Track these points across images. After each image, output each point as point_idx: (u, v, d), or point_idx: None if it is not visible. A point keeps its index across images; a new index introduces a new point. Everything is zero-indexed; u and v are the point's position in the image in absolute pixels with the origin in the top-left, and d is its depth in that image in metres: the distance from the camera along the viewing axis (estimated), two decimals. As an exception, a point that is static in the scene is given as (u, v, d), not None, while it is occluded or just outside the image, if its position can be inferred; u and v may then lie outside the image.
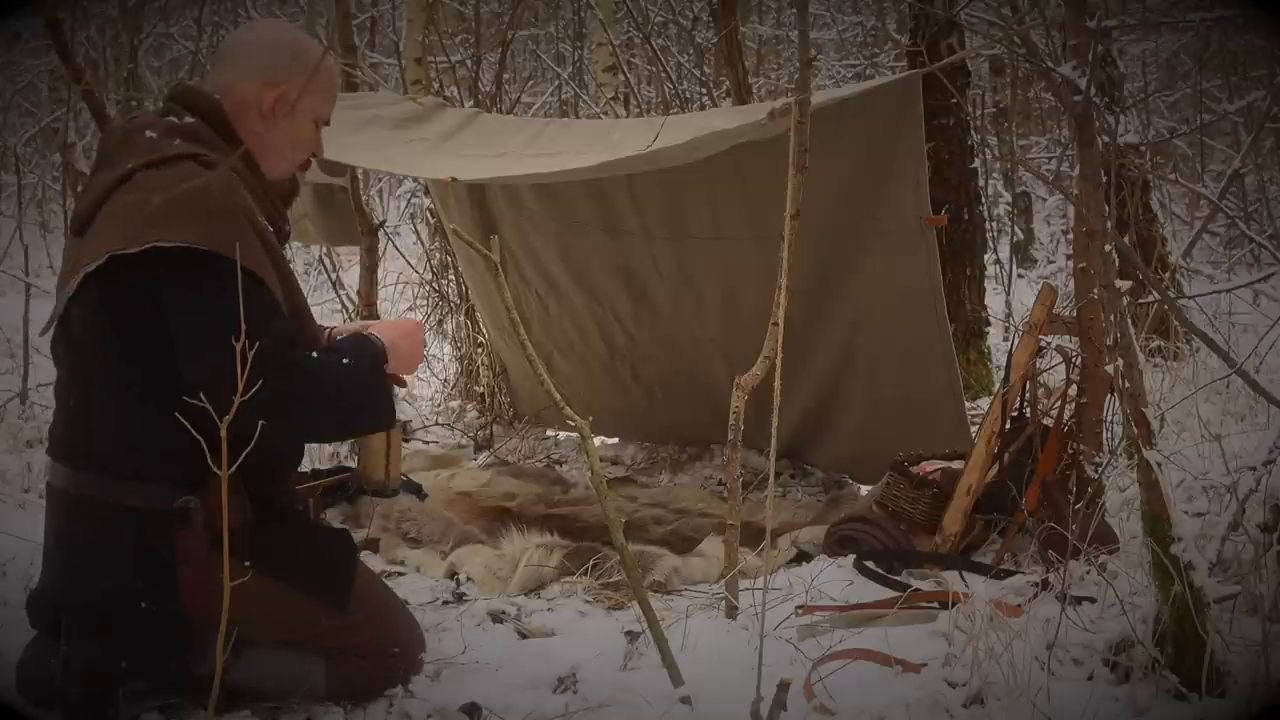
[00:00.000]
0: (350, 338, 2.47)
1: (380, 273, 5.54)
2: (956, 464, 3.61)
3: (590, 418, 2.70)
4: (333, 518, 3.89)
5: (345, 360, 2.36)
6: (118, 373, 2.31)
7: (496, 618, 3.05)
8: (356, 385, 2.36)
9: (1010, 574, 3.22)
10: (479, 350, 5.76)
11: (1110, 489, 3.64)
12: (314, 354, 2.36)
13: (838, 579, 3.24)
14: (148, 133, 2.36)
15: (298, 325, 2.40)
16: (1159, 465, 2.35)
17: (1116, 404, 3.13)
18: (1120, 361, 2.38)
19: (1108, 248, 2.39)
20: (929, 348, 3.91)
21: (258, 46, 2.49)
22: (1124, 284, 2.41)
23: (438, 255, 6.86)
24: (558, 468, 4.99)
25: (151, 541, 2.29)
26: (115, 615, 2.30)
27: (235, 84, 2.44)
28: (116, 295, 2.27)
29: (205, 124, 2.40)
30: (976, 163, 6.34)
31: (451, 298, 6.14)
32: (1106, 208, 2.57)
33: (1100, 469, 3.47)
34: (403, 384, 2.70)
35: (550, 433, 5.48)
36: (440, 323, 6.28)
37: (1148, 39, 10.29)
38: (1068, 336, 3.65)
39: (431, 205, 6.34)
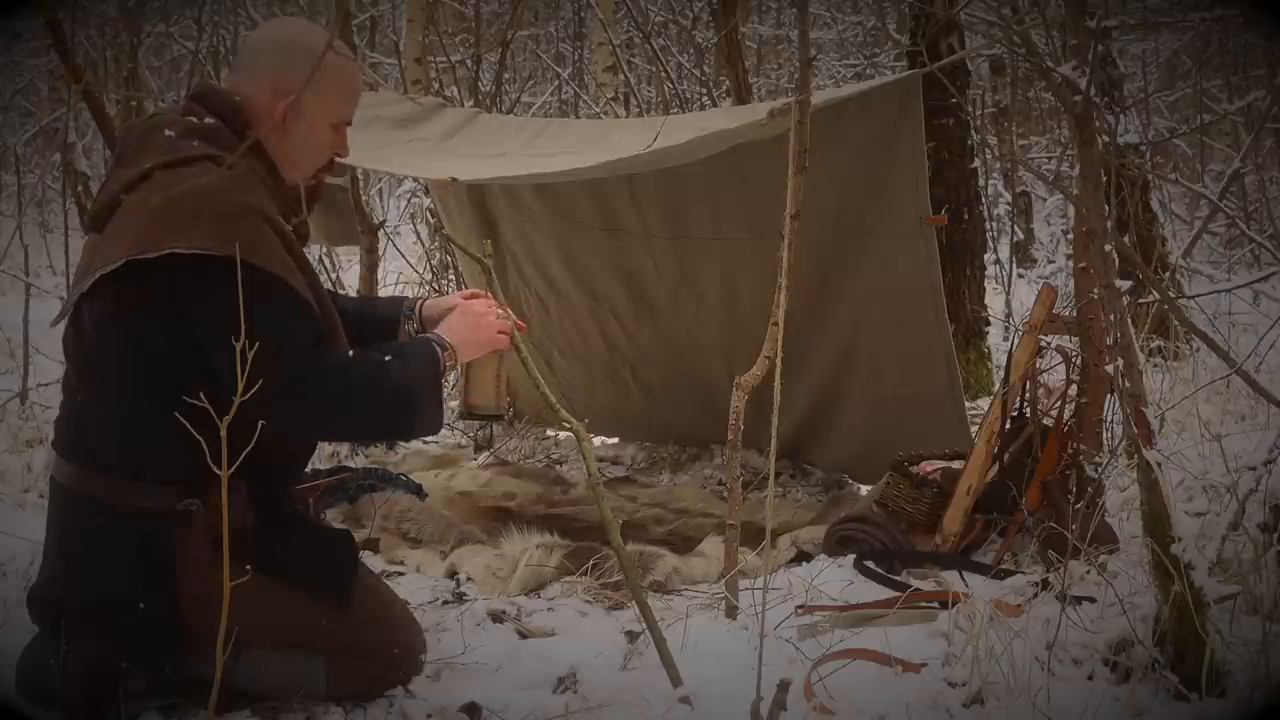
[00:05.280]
0: (402, 344, 2.45)
1: (380, 273, 5.55)
2: (956, 464, 3.61)
3: (587, 420, 2.70)
4: (333, 518, 3.89)
5: (387, 359, 2.33)
6: (125, 373, 2.30)
7: (496, 618, 3.05)
8: (394, 389, 2.32)
9: (1010, 574, 3.22)
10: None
11: (1110, 489, 3.64)
12: (349, 354, 2.34)
13: (838, 579, 3.24)
14: (167, 131, 2.35)
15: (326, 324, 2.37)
16: (1159, 465, 2.35)
17: (1116, 404, 3.13)
18: (1120, 361, 2.38)
19: (1108, 248, 2.39)
20: (929, 347, 3.92)
21: (269, 50, 2.45)
22: (1124, 284, 2.41)
23: (438, 255, 6.86)
24: (558, 468, 4.99)
25: (154, 543, 2.29)
26: (116, 615, 2.30)
27: (249, 89, 2.42)
28: (130, 298, 2.26)
29: (225, 125, 2.37)
30: (976, 163, 6.33)
31: (451, 298, 6.12)
32: (1106, 208, 2.57)
33: (1100, 469, 3.47)
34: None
35: (550, 433, 5.48)
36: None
37: (1148, 39, 10.30)
38: (1068, 336, 3.65)
39: (431, 205, 6.33)
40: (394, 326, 2.66)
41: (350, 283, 6.98)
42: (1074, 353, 3.54)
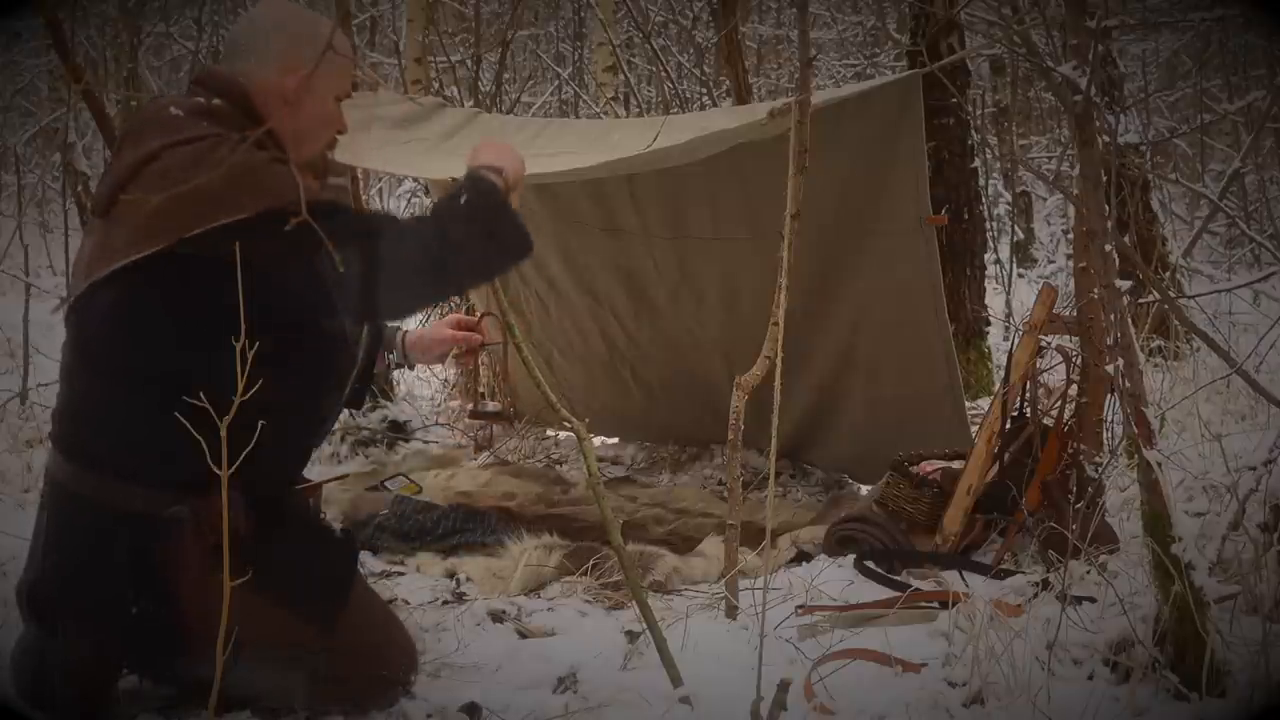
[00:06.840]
0: (456, 187, 2.50)
1: (380, 272, 5.51)
2: (956, 464, 3.61)
3: (587, 420, 2.70)
4: (333, 518, 3.89)
5: (463, 199, 2.41)
6: (125, 369, 2.29)
7: (496, 618, 3.05)
8: (477, 219, 2.40)
9: (1010, 574, 3.22)
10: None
11: (1110, 489, 3.64)
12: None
13: (838, 579, 3.24)
14: (173, 110, 2.35)
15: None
16: (1159, 465, 2.35)
17: (1116, 404, 3.13)
18: (1120, 361, 2.38)
19: (1108, 248, 2.39)
20: (929, 347, 3.92)
21: (271, 32, 2.45)
22: (1124, 284, 2.41)
23: (438, 255, 6.83)
24: (558, 468, 4.98)
25: (147, 543, 2.28)
26: (110, 615, 2.29)
27: (255, 72, 2.41)
28: (146, 289, 2.24)
29: (231, 106, 2.37)
30: (976, 163, 6.33)
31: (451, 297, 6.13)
32: (1106, 208, 2.57)
33: (1100, 469, 3.47)
34: None
35: (550, 433, 5.48)
36: (440, 323, 6.27)
37: (1148, 39, 10.30)
38: (1068, 336, 3.65)
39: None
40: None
41: (350, 283, 6.99)
42: (1074, 353, 3.54)
